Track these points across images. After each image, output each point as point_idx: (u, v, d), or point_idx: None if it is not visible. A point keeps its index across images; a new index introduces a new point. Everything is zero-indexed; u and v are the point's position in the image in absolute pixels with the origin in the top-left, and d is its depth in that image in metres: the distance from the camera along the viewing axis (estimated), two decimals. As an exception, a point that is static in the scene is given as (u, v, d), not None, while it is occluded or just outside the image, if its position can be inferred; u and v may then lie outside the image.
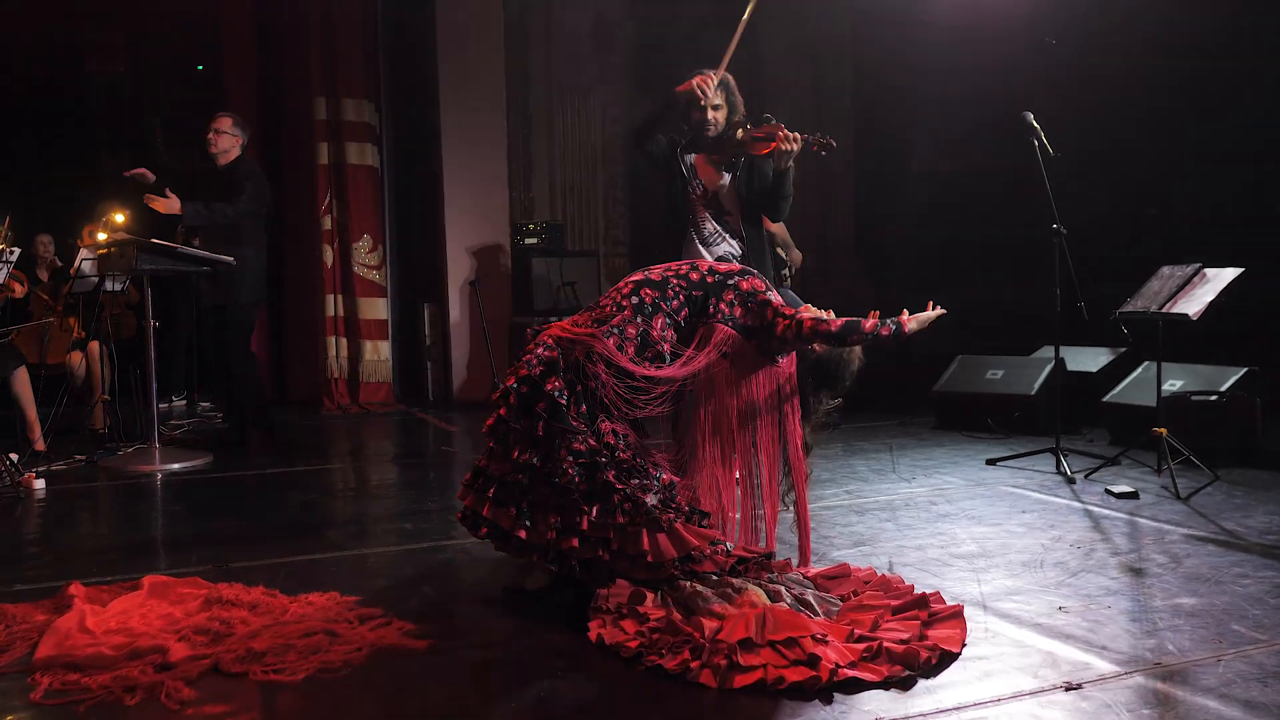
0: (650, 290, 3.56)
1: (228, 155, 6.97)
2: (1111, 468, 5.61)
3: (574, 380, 3.38)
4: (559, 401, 3.32)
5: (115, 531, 4.96)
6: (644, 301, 3.52)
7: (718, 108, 4.75)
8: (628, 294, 3.55)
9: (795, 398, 3.68)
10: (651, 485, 3.36)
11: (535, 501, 3.36)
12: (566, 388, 3.36)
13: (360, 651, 3.05)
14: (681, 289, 3.58)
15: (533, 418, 3.35)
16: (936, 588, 3.49)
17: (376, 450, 7.40)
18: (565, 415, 3.32)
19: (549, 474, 3.33)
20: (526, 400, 3.38)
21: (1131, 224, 8.39)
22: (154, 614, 3.37)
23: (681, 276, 3.62)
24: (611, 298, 3.58)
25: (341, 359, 9.34)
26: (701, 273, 3.65)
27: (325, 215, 9.29)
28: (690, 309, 3.57)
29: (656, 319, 3.50)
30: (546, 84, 10.11)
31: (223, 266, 6.59)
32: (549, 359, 3.40)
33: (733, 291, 3.61)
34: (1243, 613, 3.27)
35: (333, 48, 9.25)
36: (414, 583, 3.81)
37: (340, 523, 5.02)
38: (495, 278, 9.39)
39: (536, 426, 3.34)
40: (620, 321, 3.46)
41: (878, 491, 5.29)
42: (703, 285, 3.61)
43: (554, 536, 3.33)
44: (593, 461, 3.31)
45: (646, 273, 3.67)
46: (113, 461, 6.37)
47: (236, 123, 7.06)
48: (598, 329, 3.45)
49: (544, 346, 3.44)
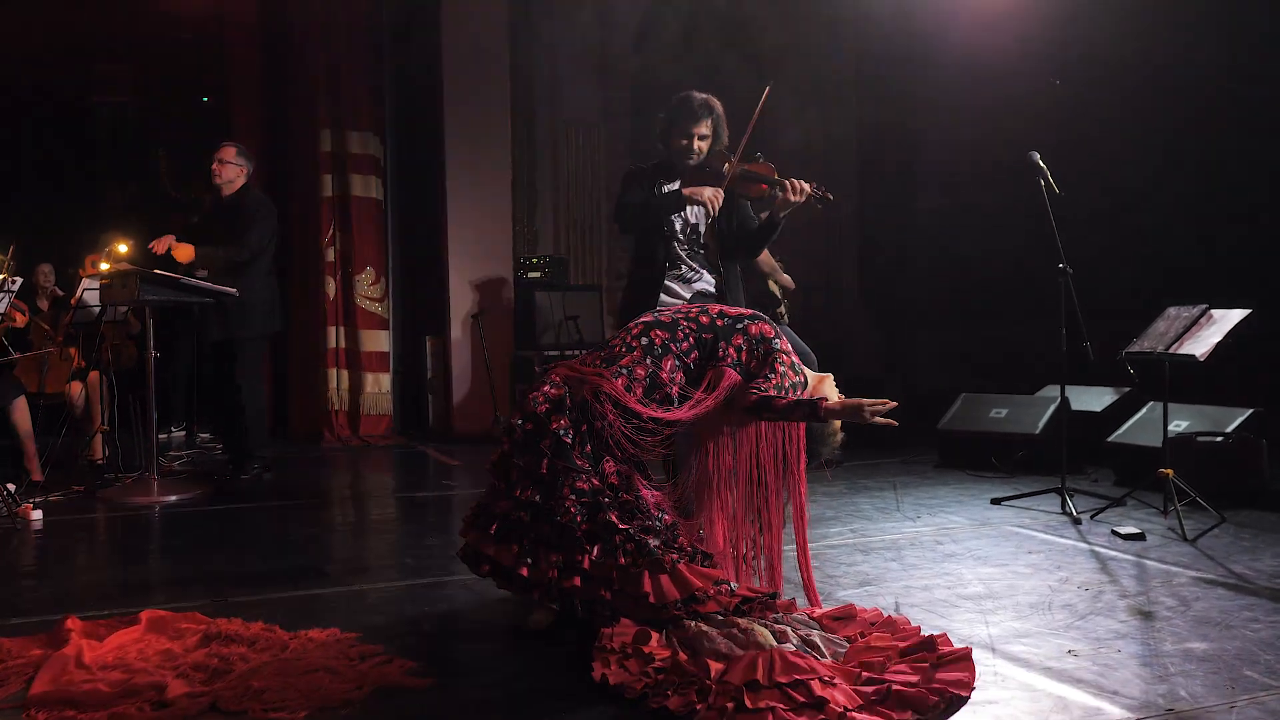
0: (660, 332, 3.55)
1: (233, 185, 6.93)
2: (1117, 508, 5.57)
3: (580, 419, 3.36)
4: (564, 440, 3.30)
5: (113, 564, 4.91)
6: (653, 343, 3.52)
7: (704, 138, 4.55)
8: (637, 335, 3.54)
9: (801, 442, 3.65)
10: (654, 526, 3.33)
11: (537, 539, 3.33)
12: (572, 426, 3.34)
13: (360, 690, 3.00)
14: (691, 331, 3.57)
15: (537, 455, 3.33)
16: (944, 629, 3.44)
17: (377, 484, 7.36)
18: (569, 453, 3.30)
19: (551, 512, 3.31)
20: (531, 437, 3.35)
21: (1136, 263, 8.38)
22: (151, 649, 3.33)
23: (691, 319, 3.61)
24: (621, 339, 3.58)
25: (342, 391, 9.33)
26: (711, 316, 3.64)
27: (328, 247, 9.30)
28: (700, 352, 3.56)
29: (666, 360, 3.49)
30: (551, 118, 10.15)
31: (227, 299, 6.56)
32: (555, 397, 3.38)
33: (742, 336, 3.60)
34: (1254, 658, 3.22)
35: (338, 80, 9.30)
36: (415, 620, 3.76)
37: (340, 558, 4.97)
38: (498, 311, 9.38)
39: (540, 464, 3.32)
40: (629, 362, 3.45)
41: (882, 530, 5.25)
42: (712, 329, 3.60)
43: (556, 575, 3.30)
44: (595, 501, 3.29)
45: (656, 314, 3.67)
46: (111, 492, 6.33)
47: (241, 152, 7.02)
48: (606, 369, 3.43)
49: (551, 385, 3.42)
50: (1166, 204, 8.35)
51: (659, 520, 3.37)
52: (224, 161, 6.91)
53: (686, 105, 4.54)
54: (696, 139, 4.53)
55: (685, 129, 4.53)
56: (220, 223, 6.90)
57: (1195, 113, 8.01)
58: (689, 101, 4.55)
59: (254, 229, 6.79)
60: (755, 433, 3.61)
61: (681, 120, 4.54)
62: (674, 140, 4.57)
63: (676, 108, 4.57)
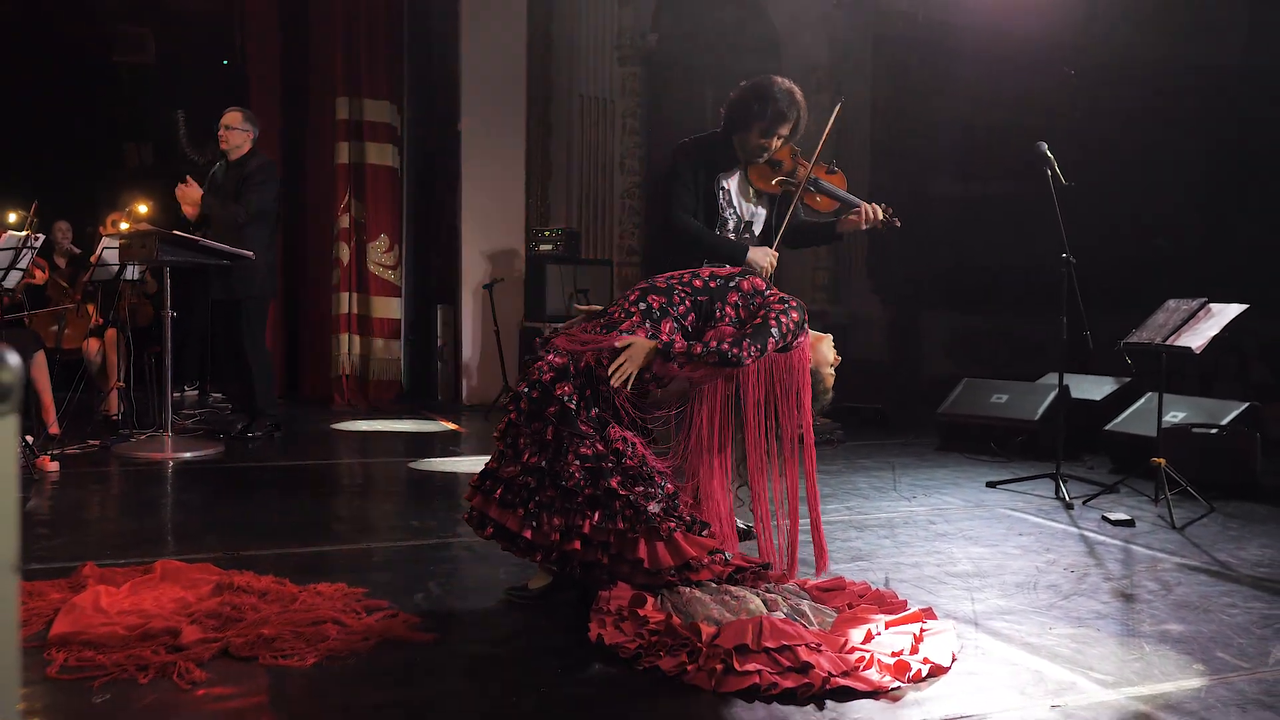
0: (657, 297, 3.63)
1: (240, 150, 7.10)
2: (1110, 495, 5.68)
3: (584, 385, 3.46)
4: (568, 406, 3.40)
5: (127, 516, 5.04)
6: (651, 307, 3.60)
7: (784, 138, 4.30)
8: (634, 300, 3.63)
9: (805, 391, 3.69)
10: (655, 493, 3.43)
11: (541, 503, 3.44)
12: (576, 393, 3.43)
13: (367, 641, 3.13)
14: (686, 295, 3.65)
15: (543, 421, 3.43)
16: (930, 604, 3.56)
17: (384, 449, 7.49)
18: (574, 420, 3.40)
19: (556, 477, 3.41)
20: (537, 405, 3.45)
21: (1140, 256, 8.46)
22: (166, 597, 3.45)
23: (685, 284, 3.69)
24: (620, 305, 3.66)
25: (353, 356, 9.45)
26: (704, 279, 3.71)
27: (343, 214, 9.40)
28: (697, 314, 3.64)
29: (665, 324, 3.57)
30: (568, 93, 10.21)
31: (241, 261, 6.70)
32: (560, 365, 3.48)
33: (735, 293, 3.67)
34: (1228, 641, 3.34)
35: (356, 48, 9.37)
36: (419, 578, 3.89)
37: (347, 518, 5.10)
38: (509, 282, 9.48)
39: (546, 431, 3.43)
40: (629, 327, 3.54)
41: (878, 509, 5.37)
42: (706, 291, 3.67)
43: (557, 539, 3.40)
44: (598, 467, 3.39)
45: (651, 281, 3.74)
46: (125, 447, 6.47)
47: (246, 117, 7.16)
48: (607, 335, 3.53)
49: (555, 353, 3.52)
50: (1174, 198, 8.42)
51: (661, 488, 3.46)
52: (230, 128, 7.09)
53: (774, 102, 4.21)
54: (776, 139, 4.28)
55: (768, 128, 4.24)
56: (227, 186, 7.06)
57: (1206, 109, 8.07)
58: (776, 98, 4.22)
59: (256, 192, 6.96)
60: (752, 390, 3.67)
61: (766, 119, 4.22)
62: (750, 136, 4.27)
63: (761, 102, 4.22)
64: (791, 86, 4.27)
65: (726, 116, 4.36)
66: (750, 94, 4.27)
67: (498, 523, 3.54)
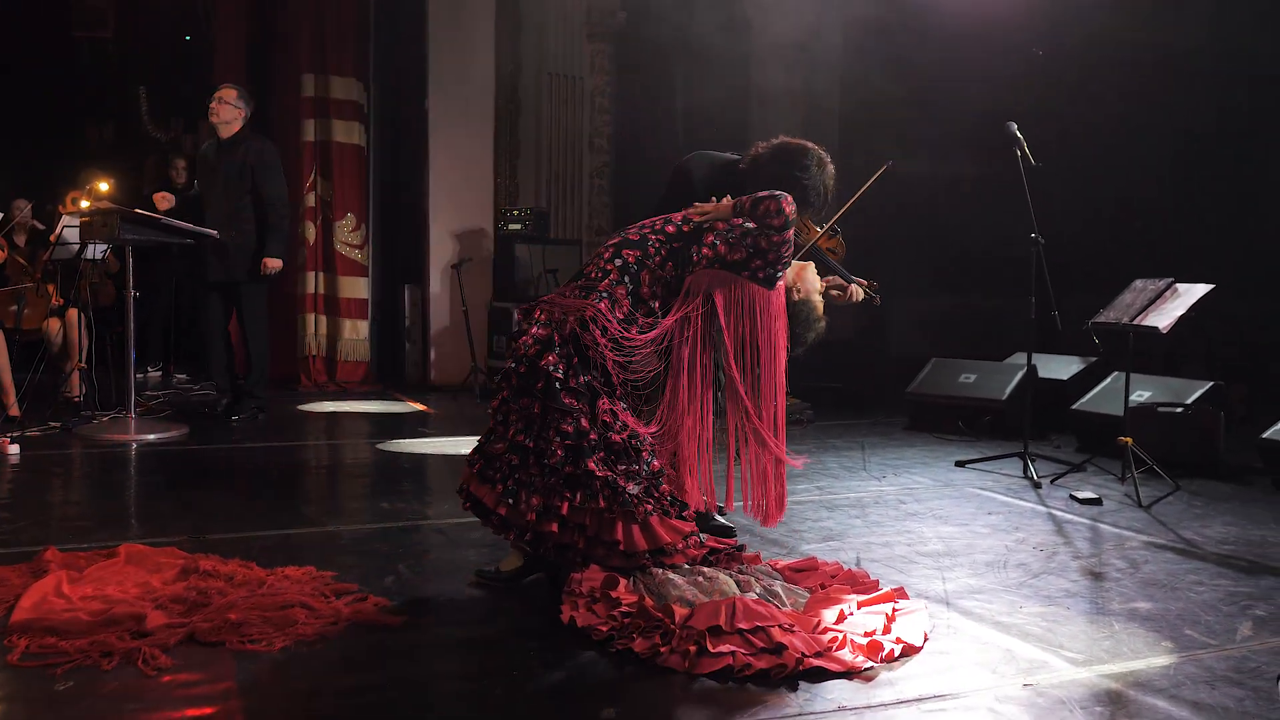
0: (631, 250, 3.55)
1: (230, 128, 7.08)
2: (1077, 474, 5.71)
3: (571, 353, 3.40)
4: (554, 377, 3.35)
5: (90, 499, 4.97)
6: (628, 262, 3.53)
7: None
8: (609, 258, 3.55)
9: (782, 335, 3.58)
10: (640, 471, 3.40)
11: (521, 481, 3.39)
12: (562, 361, 3.38)
13: (336, 626, 3.10)
14: (661, 243, 3.57)
15: (531, 397, 3.39)
16: (902, 584, 3.57)
17: (352, 430, 7.43)
18: (558, 394, 3.34)
19: (541, 454, 3.37)
20: (525, 380, 3.41)
21: (1106, 236, 8.49)
22: (130, 582, 3.40)
23: (659, 232, 3.60)
24: (595, 264, 3.58)
25: (320, 337, 9.35)
26: (676, 224, 3.62)
27: (309, 192, 9.29)
28: (674, 261, 3.56)
29: (643, 275, 3.52)
30: (536, 71, 10.11)
31: (230, 240, 6.77)
32: (543, 336, 3.43)
33: (711, 233, 3.57)
34: (1195, 618, 3.36)
35: (323, 25, 9.24)
36: (389, 560, 3.85)
37: (315, 500, 5.06)
38: (477, 262, 9.41)
39: (534, 406, 3.39)
40: (608, 285, 3.48)
41: (848, 489, 5.37)
42: (680, 236, 3.59)
43: (533, 519, 3.37)
44: (579, 445, 3.34)
45: (624, 234, 3.65)
46: (88, 429, 6.38)
47: (241, 95, 7.16)
48: (587, 297, 3.48)
49: (538, 325, 3.47)
50: (1140, 178, 8.45)
51: (646, 465, 3.42)
52: (224, 101, 7.07)
53: (825, 193, 4.06)
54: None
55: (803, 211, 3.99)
56: (223, 167, 7.06)
57: (1171, 89, 8.09)
58: (826, 187, 4.04)
59: (275, 182, 7.15)
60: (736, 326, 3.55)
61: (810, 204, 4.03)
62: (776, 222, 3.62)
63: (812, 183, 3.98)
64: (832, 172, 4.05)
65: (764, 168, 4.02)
66: (803, 165, 3.99)
67: (475, 497, 3.51)
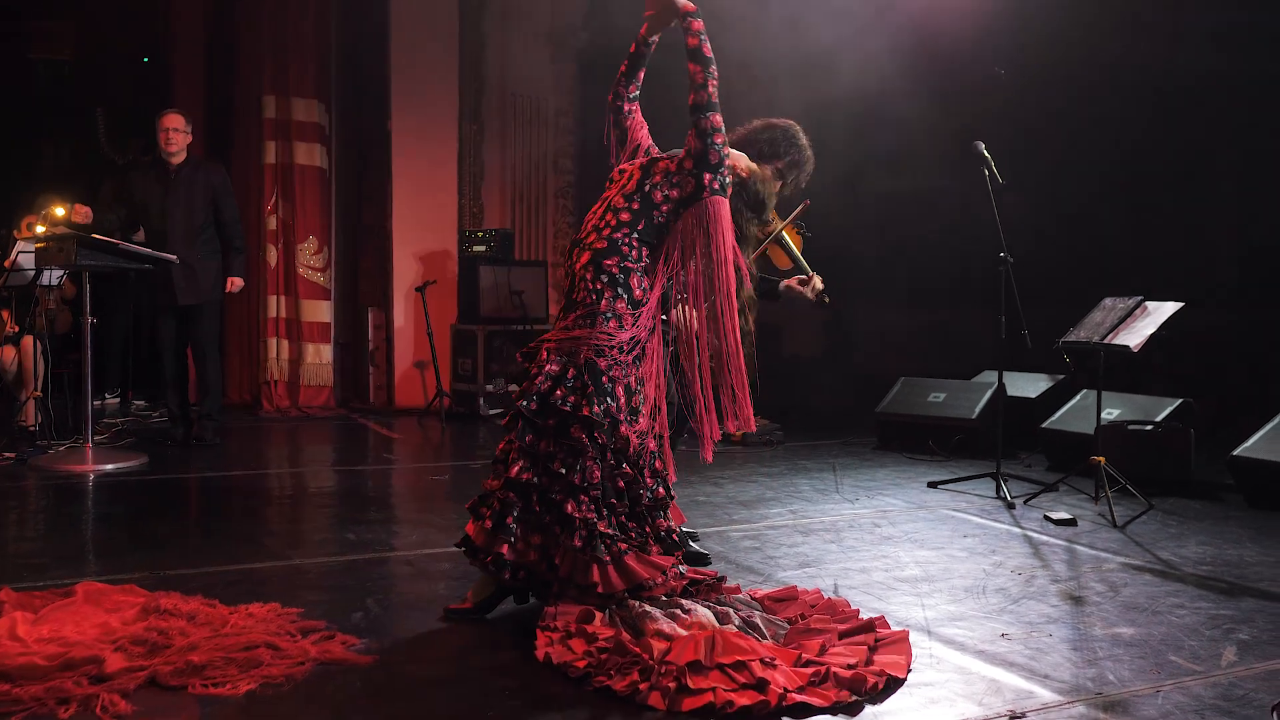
0: (609, 258, 3.49)
1: (183, 153, 7.07)
2: (1050, 494, 5.69)
3: (586, 383, 3.38)
4: (563, 411, 3.36)
5: (46, 534, 4.83)
6: (613, 275, 3.48)
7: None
8: (593, 277, 3.49)
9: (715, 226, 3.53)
10: (643, 498, 3.41)
11: (522, 518, 3.39)
12: (573, 393, 3.38)
13: (303, 666, 3.00)
14: (627, 235, 3.51)
15: (540, 434, 3.39)
16: (881, 612, 3.51)
17: (316, 456, 7.30)
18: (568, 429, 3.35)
19: (546, 492, 3.37)
20: (535, 416, 3.40)
21: (1067, 252, 8.51)
22: (89, 622, 3.28)
23: (619, 226, 3.52)
24: (581, 289, 3.51)
25: (282, 361, 9.22)
26: (626, 201, 3.56)
27: (271, 215, 9.18)
28: (648, 247, 3.53)
29: (631, 279, 3.48)
30: (500, 91, 10.04)
31: (192, 263, 6.85)
32: (555, 373, 3.42)
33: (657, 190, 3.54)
34: (1179, 644, 3.32)
35: (284, 46, 9.15)
36: (357, 595, 3.75)
37: (279, 531, 4.94)
38: (441, 284, 9.31)
39: (540, 443, 3.39)
40: (606, 306, 3.45)
41: (822, 512, 5.32)
42: (636, 216, 3.52)
43: (535, 558, 3.37)
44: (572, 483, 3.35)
45: (590, 249, 3.53)
46: (44, 460, 6.22)
47: (187, 119, 7.08)
48: (594, 324, 3.44)
49: (549, 362, 3.44)
50: (1105, 195, 8.49)
51: (650, 492, 3.42)
52: (177, 130, 7.04)
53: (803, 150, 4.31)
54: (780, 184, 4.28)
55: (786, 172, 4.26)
56: (182, 191, 7.02)
57: (1133, 106, 8.15)
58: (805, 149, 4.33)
59: (233, 203, 7.25)
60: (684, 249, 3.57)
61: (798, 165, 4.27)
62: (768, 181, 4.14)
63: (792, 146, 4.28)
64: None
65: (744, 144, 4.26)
66: (781, 135, 4.26)
67: (465, 534, 3.48)
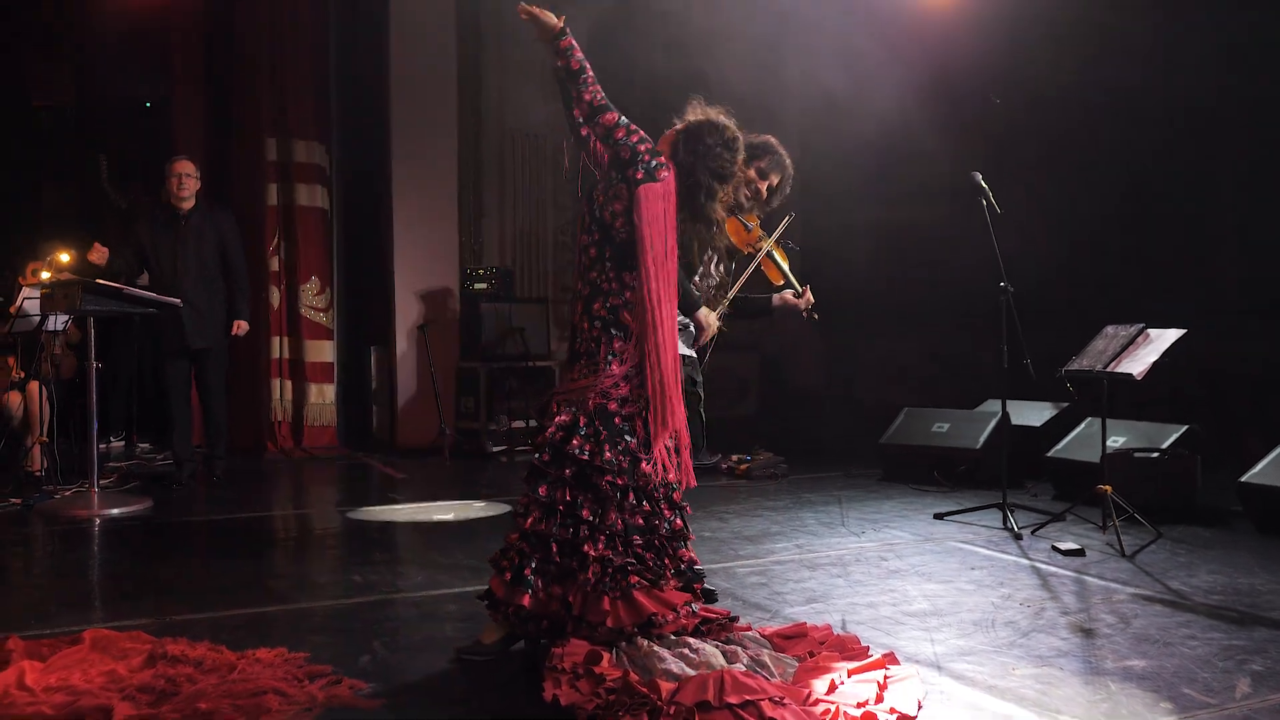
0: (597, 302, 3.52)
1: (193, 199, 7.15)
2: (1057, 524, 5.67)
3: (599, 429, 3.41)
4: (581, 460, 3.39)
5: (53, 580, 4.82)
6: (604, 318, 3.50)
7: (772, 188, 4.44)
8: (589, 325, 3.52)
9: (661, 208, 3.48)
10: (661, 529, 3.43)
11: (538, 570, 3.41)
12: (588, 441, 3.40)
13: (310, 712, 2.99)
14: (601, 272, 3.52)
15: (551, 484, 3.42)
16: (891, 647, 3.50)
17: (321, 496, 7.29)
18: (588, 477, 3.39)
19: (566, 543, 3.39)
20: (549, 467, 3.43)
21: (1063, 278, 8.52)
22: (96, 670, 3.28)
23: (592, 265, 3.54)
24: (581, 338, 3.56)
25: (286, 402, 9.24)
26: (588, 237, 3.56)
27: (273, 256, 9.22)
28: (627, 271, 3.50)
29: (622, 315, 3.50)
30: (499, 129, 10.11)
31: (201, 307, 6.93)
32: (566, 423, 3.44)
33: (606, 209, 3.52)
34: (1192, 676, 3.30)
35: (283, 89, 9.22)
36: (364, 638, 3.74)
37: (285, 574, 4.92)
38: (443, 322, 9.34)
39: (556, 492, 3.41)
40: (605, 351, 3.47)
41: (828, 546, 5.30)
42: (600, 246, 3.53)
43: (557, 608, 3.38)
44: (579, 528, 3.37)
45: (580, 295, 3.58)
46: (50, 505, 6.22)
47: (196, 165, 7.24)
48: (599, 368, 3.47)
49: (561, 413, 3.47)
50: (1094, 219, 8.51)
51: (668, 524, 3.45)
52: (189, 176, 7.12)
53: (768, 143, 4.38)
54: (764, 184, 4.41)
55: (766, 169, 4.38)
56: (192, 236, 7.09)
57: (1135, 132, 8.18)
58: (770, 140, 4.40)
59: (240, 247, 7.38)
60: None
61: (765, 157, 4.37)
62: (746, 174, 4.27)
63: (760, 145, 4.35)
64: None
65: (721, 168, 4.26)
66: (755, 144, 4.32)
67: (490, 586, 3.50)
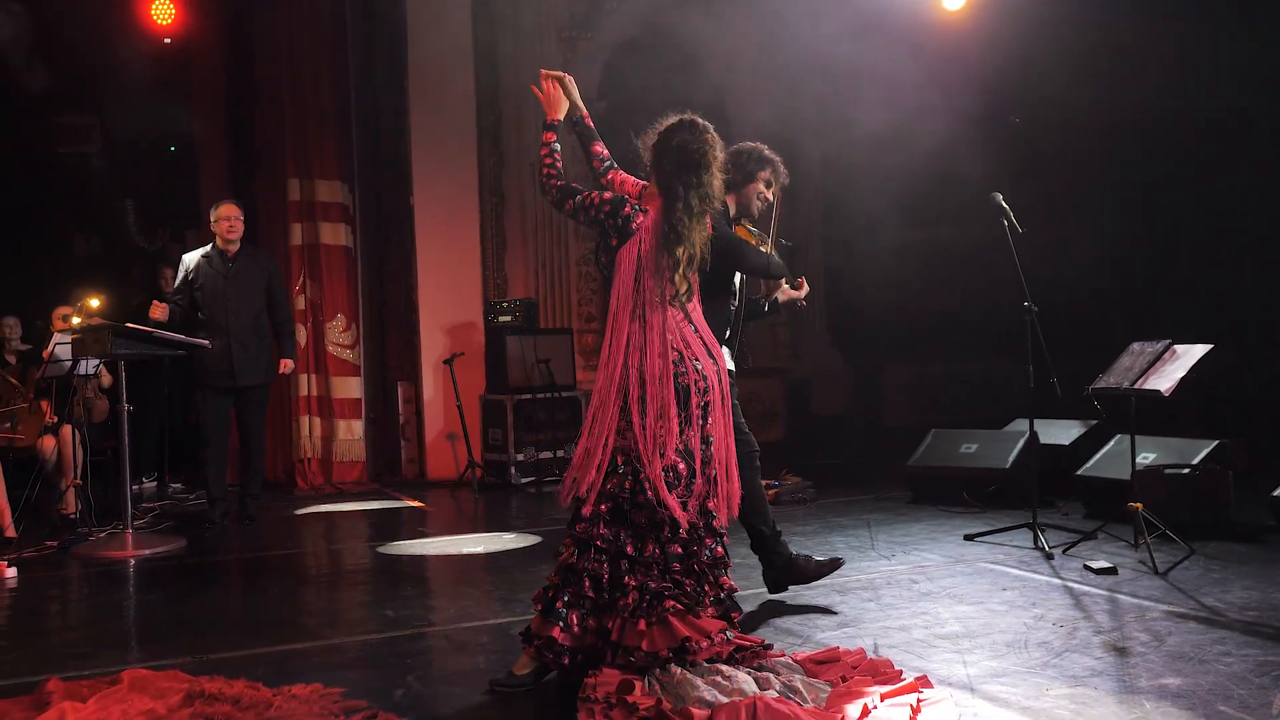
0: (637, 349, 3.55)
1: (239, 242, 7.32)
2: (1089, 542, 5.64)
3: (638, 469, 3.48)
4: (621, 497, 3.47)
5: (90, 622, 4.87)
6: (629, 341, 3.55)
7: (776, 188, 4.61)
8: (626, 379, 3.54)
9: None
10: (701, 555, 3.48)
11: (570, 602, 3.48)
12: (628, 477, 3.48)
13: (348, 747, 3.01)
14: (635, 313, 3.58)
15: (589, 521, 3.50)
16: (923, 670, 3.49)
17: (351, 532, 7.33)
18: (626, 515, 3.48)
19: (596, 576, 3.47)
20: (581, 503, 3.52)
21: (1088, 297, 8.52)
22: (135, 710, 3.31)
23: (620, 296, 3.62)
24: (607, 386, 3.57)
25: (315, 439, 9.30)
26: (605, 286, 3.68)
27: (299, 295, 9.30)
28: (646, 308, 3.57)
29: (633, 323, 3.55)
30: (519, 161, 10.18)
31: (200, 351, 6.89)
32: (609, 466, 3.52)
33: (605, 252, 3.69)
34: (1228, 693, 3.28)
35: (305, 129, 9.32)
36: (398, 672, 3.77)
37: (317, 610, 4.96)
38: (469, 355, 9.38)
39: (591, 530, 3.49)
40: (639, 395, 3.50)
41: (859, 570, 5.29)
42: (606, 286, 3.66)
43: (592, 640, 3.43)
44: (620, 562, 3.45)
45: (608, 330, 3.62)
46: (85, 547, 6.29)
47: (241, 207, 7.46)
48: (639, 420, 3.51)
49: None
50: (1117, 236, 8.51)
51: (709, 551, 3.51)
52: (238, 218, 7.32)
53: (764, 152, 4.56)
54: (772, 188, 4.57)
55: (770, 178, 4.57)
56: (240, 278, 7.26)
57: (1156, 149, 8.19)
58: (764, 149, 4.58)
59: (283, 287, 7.56)
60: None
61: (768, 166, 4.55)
62: (755, 186, 4.55)
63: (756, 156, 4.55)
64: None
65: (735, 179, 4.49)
66: (743, 153, 4.54)
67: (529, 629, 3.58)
